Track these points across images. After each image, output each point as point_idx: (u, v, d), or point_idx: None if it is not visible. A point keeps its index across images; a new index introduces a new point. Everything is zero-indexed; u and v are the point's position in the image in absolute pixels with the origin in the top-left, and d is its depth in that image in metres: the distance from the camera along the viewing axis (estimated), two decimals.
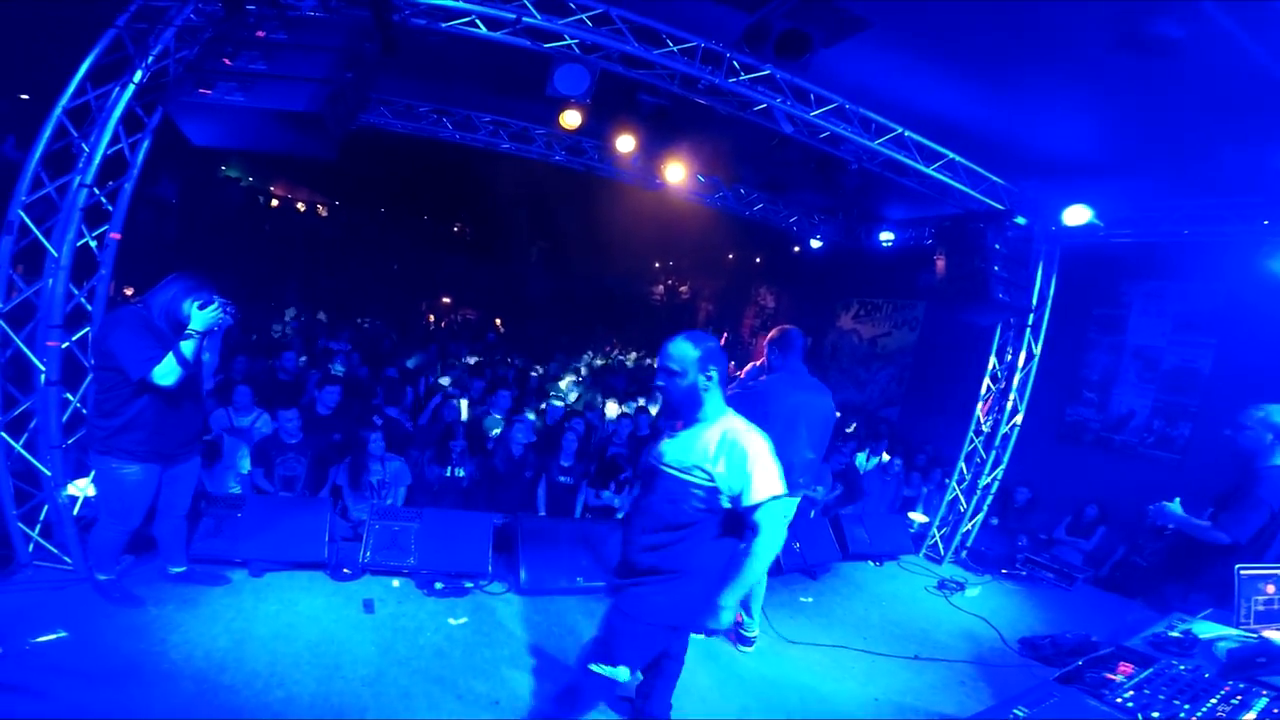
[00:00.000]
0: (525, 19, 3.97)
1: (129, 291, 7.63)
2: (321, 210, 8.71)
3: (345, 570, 4.12)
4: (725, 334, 14.71)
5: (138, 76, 3.17)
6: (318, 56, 2.94)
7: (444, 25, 3.81)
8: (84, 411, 3.63)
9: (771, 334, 4.19)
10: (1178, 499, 3.33)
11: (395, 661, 3.35)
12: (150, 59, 3.12)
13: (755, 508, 2.19)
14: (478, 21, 3.91)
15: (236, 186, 7.70)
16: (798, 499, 3.95)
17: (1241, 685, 1.62)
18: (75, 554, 3.59)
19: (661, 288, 16.13)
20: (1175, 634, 1.96)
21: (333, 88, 2.90)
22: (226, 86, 2.78)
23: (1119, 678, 1.66)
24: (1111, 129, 4.81)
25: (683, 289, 15.94)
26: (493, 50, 4.35)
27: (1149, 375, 7.29)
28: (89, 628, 3.19)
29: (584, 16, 4.22)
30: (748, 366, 4.32)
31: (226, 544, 4.02)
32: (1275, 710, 1.49)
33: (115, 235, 3.42)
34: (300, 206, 8.78)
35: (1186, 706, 1.51)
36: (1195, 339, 6.97)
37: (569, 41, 4.23)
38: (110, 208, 3.42)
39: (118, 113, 3.26)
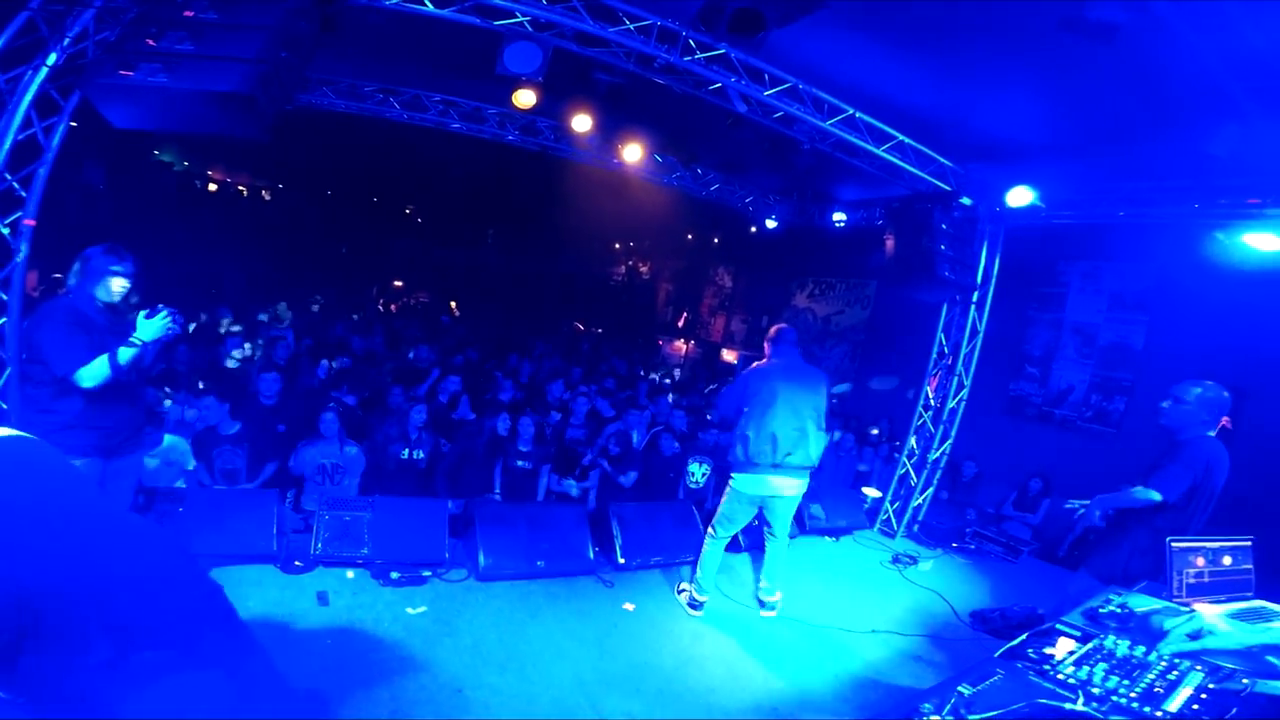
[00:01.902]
0: None
1: (58, 275, 7.18)
2: (265, 194, 8.33)
3: (297, 563, 4.00)
4: (685, 314, 14.79)
5: (51, 59, 2.96)
6: (250, 36, 2.78)
7: (388, 3, 3.64)
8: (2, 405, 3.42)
9: (770, 333, 4.38)
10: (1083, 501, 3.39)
11: (353, 654, 3.29)
12: (67, 41, 2.91)
13: None
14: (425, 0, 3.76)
15: (170, 171, 7.28)
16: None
17: (1177, 660, 1.68)
18: None
19: (622, 268, 16.07)
20: (1112, 608, 2.02)
21: (265, 68, 2.76)
22: (150, 68, 2.61)
23: (1059, 653, 1.70)
24: (1054, 114, 4.96)
25: (643, 269, 15.91)
26: (442, 28, 4.19)
27: (1087, 351, 7.63)
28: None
29: None
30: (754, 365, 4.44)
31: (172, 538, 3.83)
32: (1209, 685, 1.54)
33: (29, 221, 3.21)
34: (242, 190, 8.37)
35: (1125, 683, 1.55)
36: (1129, 316, 7.31)
37: (521, 19, 4.11)
38: (24, 194, 3.20)
39: (29, 96, 3.05)
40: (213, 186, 8.19)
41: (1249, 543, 2.46)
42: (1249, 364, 5.57)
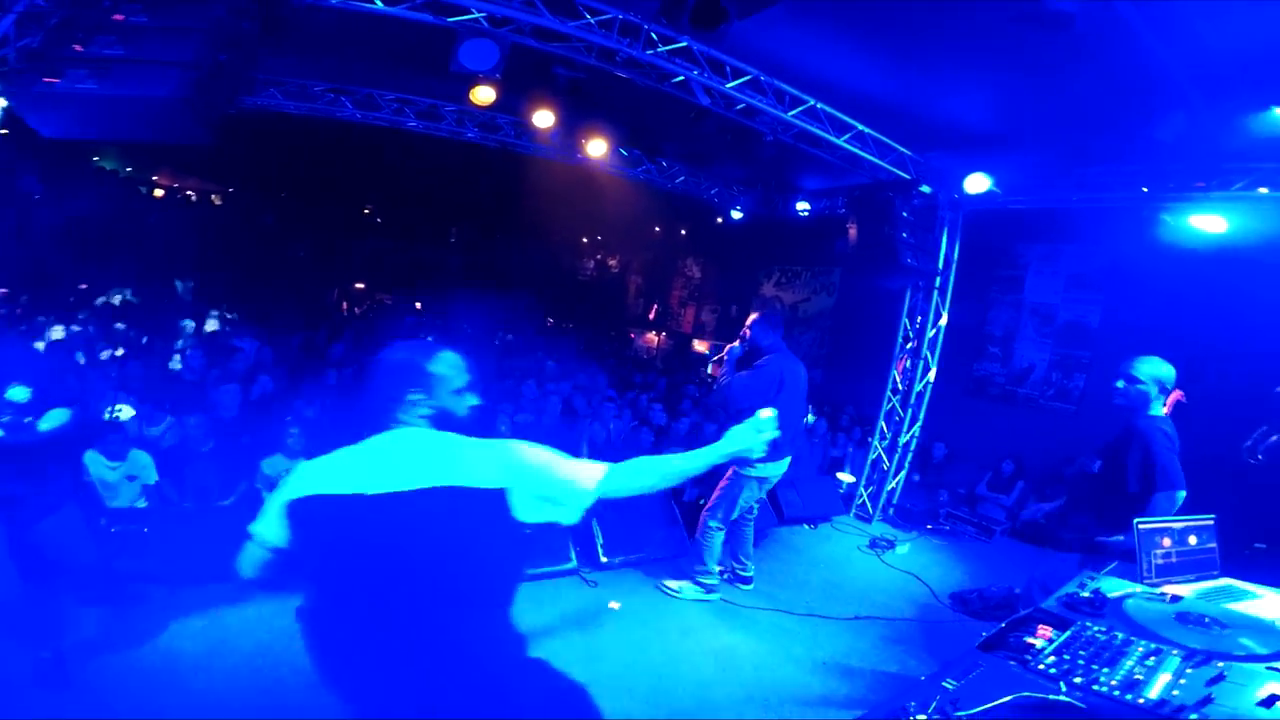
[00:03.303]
0: None
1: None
2: (215, 199, 7.98)
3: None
4: (655, 306, 14.76)
5: None
6: (185, 39, 2.62)
7: (334, 2, 3.49)
8: None
9: (755, 315, 4.35)
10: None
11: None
12: None
13: None
14: None
15: (113, 178, 6.90)
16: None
17: (1154, 645, 1.68)
18: None
19: (591, 263, 15.95)
20: (1086, 594, 2.01)
21: (201, 71, 2.61)
22: (77, 74, 2.45)
23: (1040, 642, 1.70)
24: (1008, 102, 5.05)
25: (612, 263, 15.81)
26: (395, 24, 4.06)
27: (1046, 330, 7.84)
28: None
29: None
30: (727, 348, 4.40)
31: (136, 560, 3.75)
32: (1188, 669, 1.56)
33: None
34: (190, 195, 8.01)
35: (1105, 670, 1.55)
36: (1085, 296, 7.53)
37: (476, 15, 3.99)
38: None
39: None
40: (159, 192, 7.83)
41: (1212, 521, 2.47)
42: (1200, 340, 5.77)
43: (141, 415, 4.98)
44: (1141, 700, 1.43)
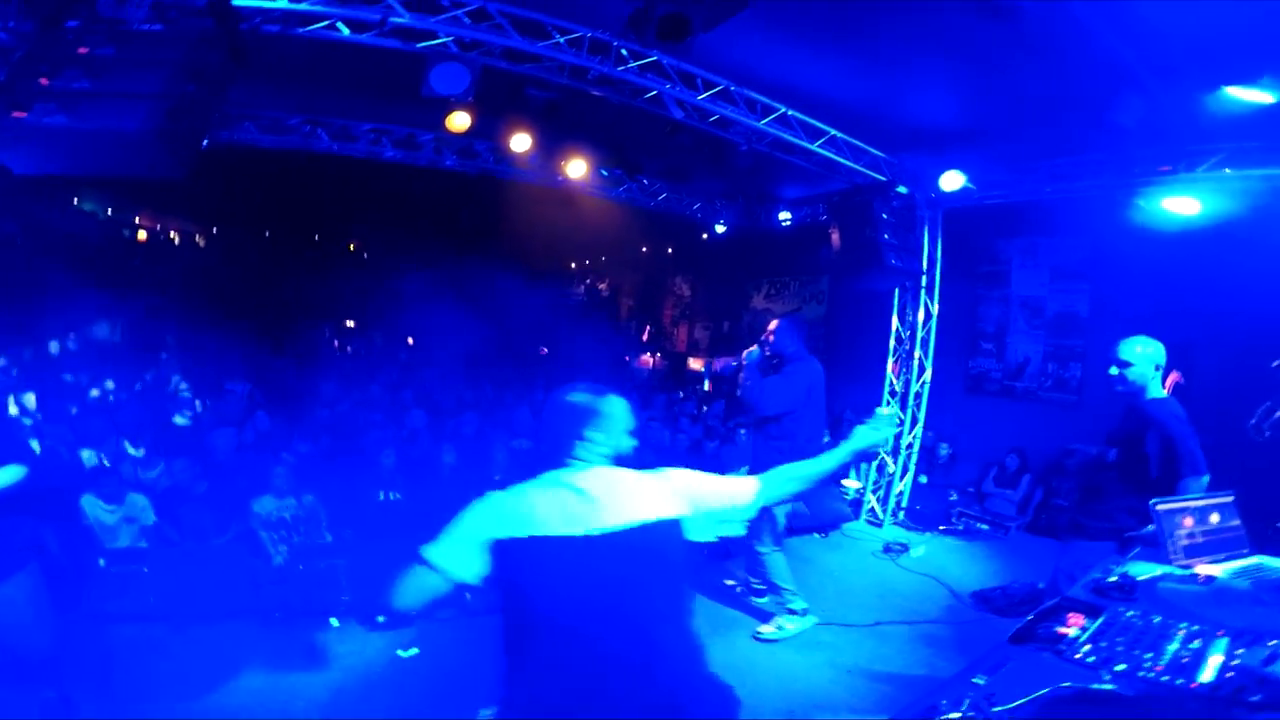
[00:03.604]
0: (392, 19, 3.76)
1: None
2: (199, 240, 8.02)
3: (276, 615, 3.93)
4: (648, 327, 14.78)
5: None
6: (153, 71, 2.65)
7: (301, 30, 3.54)
8: None
9: (777, 323, 4.30)
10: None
11: (350, 702, 3.21)
12: None
13: None
14: (339, 25, 3.67)
15: (94, 220, 6.93)
16: None
17: (1196, 627, 1.59)
18: None
19: (581, 288, 16.00)
20: (1114, 579, 1.92)
21: (171, 103, 2.63)
22: (45, 108, 2.46)
23: (1072, 631, 1.62)
24: (972, 99, 5.13)
25: (602, 286, 15.88)
26: (366, 53, 4.12)
27: (1036, 322, 7.85)
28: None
29: (459, 13, 4.06)
30: (745, 353, 4.31)
31: (139, 601, 3.80)
32: (1238, 650, 1.46)
33: None
34: (173, 237, 8.04)
35: (1149, 655, 1.46)
36: (1072, 286, 7.56)
37: (444, 39, 4.05)
38: None
39: None
40: (142, 235, 7.86)
41: (1231, 498, 2.39)
42: (1191, 320, 5.76)
43: (137, 459, 4.98)
44: (1195, 684, 1.34)
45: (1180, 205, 5.35)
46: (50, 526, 4.12)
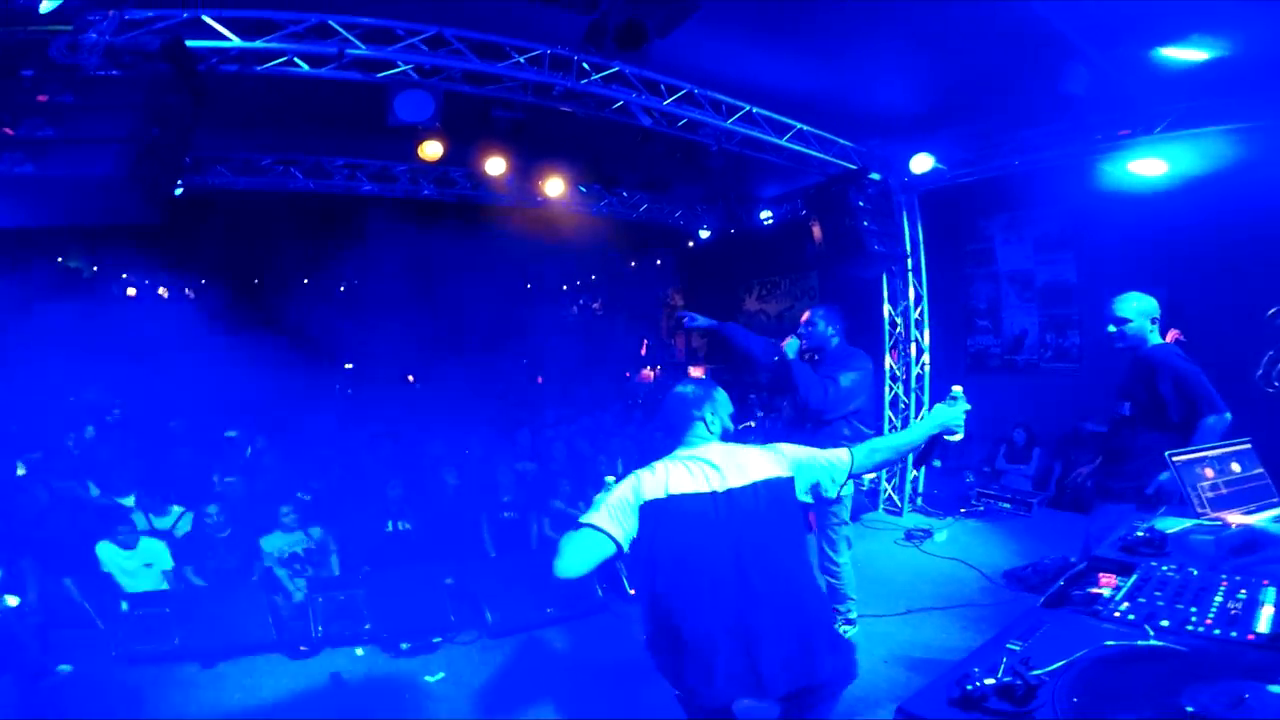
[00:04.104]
0: (350, 51, 3.85)
1: None
2: (189, 292, 8.12)
3: (302, 648, 3.95)
4: (646, 341, 14.79)
5: None
6: (117, 115, 2.72)
7: (259, 69, 3.63)
8: None
9: (822, 311, 4.08)
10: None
11: None
12: None
13: None
14: (296, 60, 3.75)
15: (80, 276, 7.02)
16: None
17: (1238, 578, 1.52)
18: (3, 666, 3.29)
19: (575, 308, 16.04)
20: (1142, 534, 1.85)
21: (139, 146, 2.69)
22: (12, 158, 2.52)
23: (1106, 591, 1.57)
24: (930, 81, 5.21)
25: (595, 305, 15.93)
26: (332, 90, 4.21)
27: (1028, 295, 7.85)
28: None
29: (416, 41, 4.15)
30: (784, 343, 4.02)
31: (165, 641, 3.83)
32: None
33: None
34: (162, 292, 8.16)
35: (1194, 609, 1.41)
36: (1057, 256, 7.57)
37: (404, 68, 4.14)
38: None
39: None
40: (131, 291, 7.97)
41: (1249, 444, 2.33)
42: (1178, 277, 5.75)
43: (144, 506, 5.01)
44: (1252, 636, 1.28)
45: (1145, 167, 5.40)
46: (70, 573, 4.20)
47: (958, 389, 2.31)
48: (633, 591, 4.57)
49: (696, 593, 1.95)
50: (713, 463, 2.09)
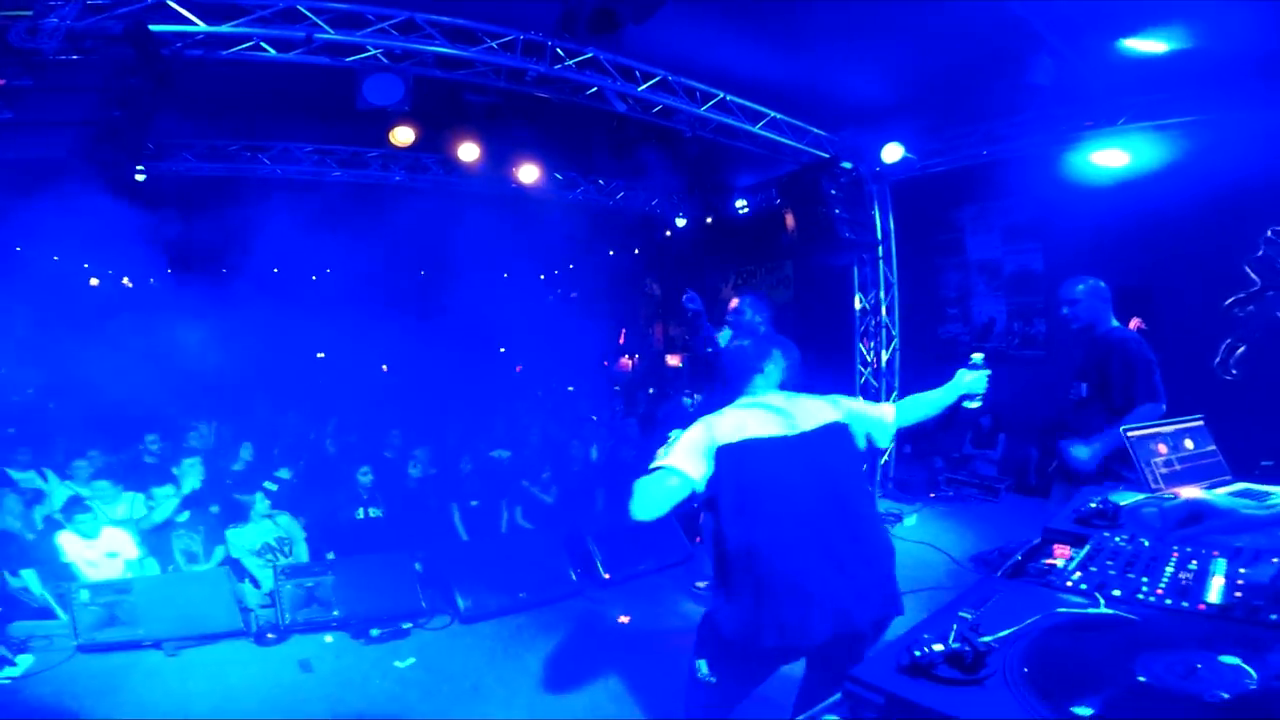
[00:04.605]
0: (318, 36, 3.78)
1: None
2: (152, 281, 7.91)
3: (270, 635, 3.91)
4: (623, 330, 14.81)
5: None
6: (76, 98, 2.66)
7: (225, 53, 3.55)
8: None
9: (749, 300, 4.14)
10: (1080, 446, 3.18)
11: (350, 715, 3.21)
12: None
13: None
14: (263, 45, 3.68)
15: (48, 268, 6.78)
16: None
17: (1189, 549, 1.53)
18: None
19: (551, 297, 15.94)
20: (1095, 505, 1.88)
21: (98, 127, 2.63)
22: None
23: (1059, 562, 1.58)
24: (900, 71, 5.30)
25: (573, 294, 15.85)
26: (299, 73, 4.13)
27: (996, 284, 8.00)
28: None
29: (386, 25, 4.09)
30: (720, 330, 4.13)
31: (127, 629, 3.75)
32: (1240, 569, 1.41)
33: None
34: (126, 281, 7.94)
35: (1145, 579, 1.42)
36: (1024, 246, 7.72)
37: (374, 51, 4.08)
38: None
39: None
40: (94, 281, 7.75)
41: (1201, 421, 2.38)
42: (1141, 266, 5.92)
43: (100, 495, 4.89)
44: (1202, 606, 1.29)
45: (1108, 158, 5.54)
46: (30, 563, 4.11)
47: (978, 356, 2.52)
48: (607, 576, 4.62)
49: (781, 532, 2.00)
50: (780, 409, 2.18)
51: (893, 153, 6.15)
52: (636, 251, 13.32)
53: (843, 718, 1.14)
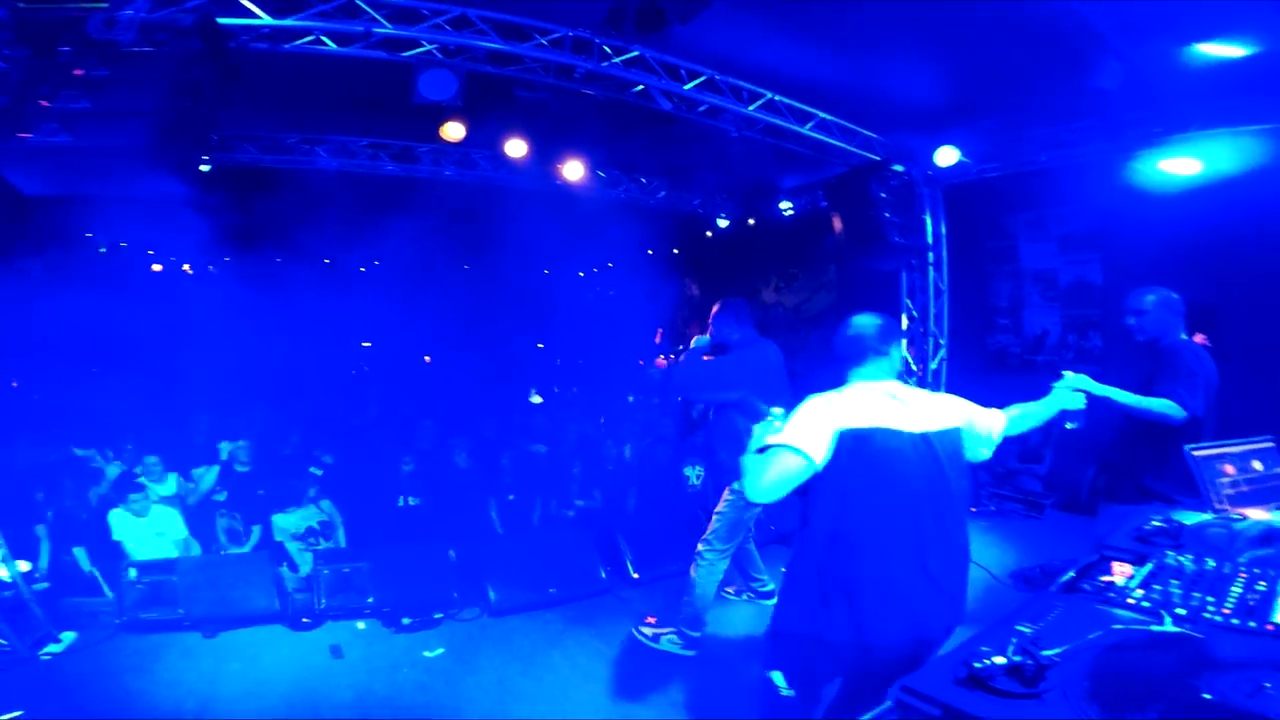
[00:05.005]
0: (376, 30, 3.89)
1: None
2: (211, 269, 8.28)
3: (304, 620, 4.00)
4: (660, 330, 14.79)
5: None
6: (148, 88, 2.79)
7: (287, 47, 3.68)
8: None
9: (717, 307, 4.05)
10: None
11: (377, 703, 3.26)
12: None
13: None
14: (324, 39, 3.80)
15: (115, 254, 7.17)
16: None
17: (1257, 570, 1.51)
18: (6, 635, 3.44)
19: (591, 294, 16.04)
20: (1158, 524, 1.85)
21: (168, 118, 2.76)
22: (48, 128, 2.61)
23: (1120, 579, 1.57)
24: (957, 74, 5.13)
25: (611, 294, 15.90)
26: (356, 69, 4.25)
27: (1051, 294, 7.71)
28: (43, 705, 3.05)
29: (441, 21, 4.18)
30: (693, 340, 4.04)
31: (169, 609, 3.88)
32: None
33: None
34: (187, 268, 8.32)
35: (1211, 599, 1.40)
36: (1082, 256, 7.41)
37: (429, 47, 4.17)
38: None
39: None
40: (157, 267, 8.13)
41: (1271, 444, 2.31)
42: (1210, 279, 5.62)
43: (150, 473, 5.11)
44: (1271, 626, 1.28)
45: (1178, 166, 5.27)
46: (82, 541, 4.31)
47: (1073, 376, 2.57)
48: (636, 575, 4.60)
49: (882, 528, 1.93)
50: (903, 400, 2.07)
51: (947, 156, 5.99)
52: (676, 251, 13.31)
53: None
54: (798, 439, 1.92)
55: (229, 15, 3.25)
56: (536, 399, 9.49)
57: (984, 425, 2.25)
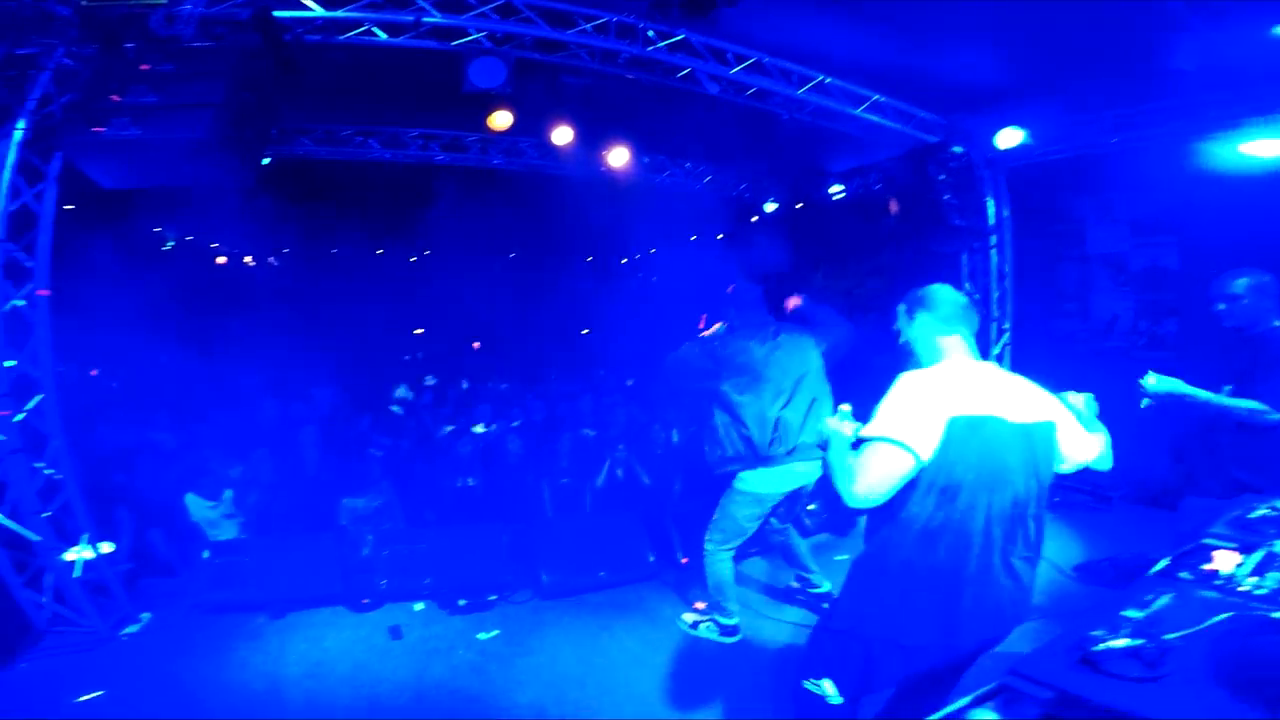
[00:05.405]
0: (425, 19, 3.93)
1: (94, 372, 7.56)
2: (272, 261, 8.61)
3: (365, 600, 4.11)
4: (704, 316, 14.67)
5: (21, 125, 3.08)
6: (211, 82, 2.89)
7: (341, 38, 3.76)
8: (58, 478, 3.59)
9: (735, 288, 3.93)
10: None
11: (433, 684, 3.34)
12: (32, 104, 3.04)
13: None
14: (375, 30, 3.87)
15: (182, 247, 7.56)
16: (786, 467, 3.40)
17: None
18: (90, 615, 3.62)
19: (634, 281, 16.04)
20: (1265, 512, 1.78)
21: (232, 110, 2.86)
22: (120, 122, 2.73)
23: (1226, 567, 1.53)
24: (1021, 52, 4.85)
25: (654, 280, 15.85)
26: (408, 60, 4.32)
27: (1122, 279, 7.31)
28: (122, 685, 3.21)
29: (488, 9, 4.20)
30: (715, 327, 3.94)
31: (239, 591, 4.03)
32: None
33: (43, 292, 3.36)
34: (248, 260, 8.68)
35: None
36: (1157, 240, 7.00)
37: (477, 35, 4.20)
38: (30, 264, 3.34)
39: (9, 164, 3.13)
40: (221, 259, 8.51)
41: None
42: None
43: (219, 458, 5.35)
44: None
45: (1261, 148, 4.91)
46: (155, 525, 4.56)
47: (1162, 379, 2.58)
48: (685, 560, 4.59)
49: (986, 528, 1.78)
50: (1000, 385, 1.89)
51: (1010, 137, 5.70)
52: (721, 236, 13.14)
53: (999, 713, 1.11)
54: (903, 432, 1.71)
55: (284, 8, 3.34)
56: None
57: (1076, 443, 2.01)
